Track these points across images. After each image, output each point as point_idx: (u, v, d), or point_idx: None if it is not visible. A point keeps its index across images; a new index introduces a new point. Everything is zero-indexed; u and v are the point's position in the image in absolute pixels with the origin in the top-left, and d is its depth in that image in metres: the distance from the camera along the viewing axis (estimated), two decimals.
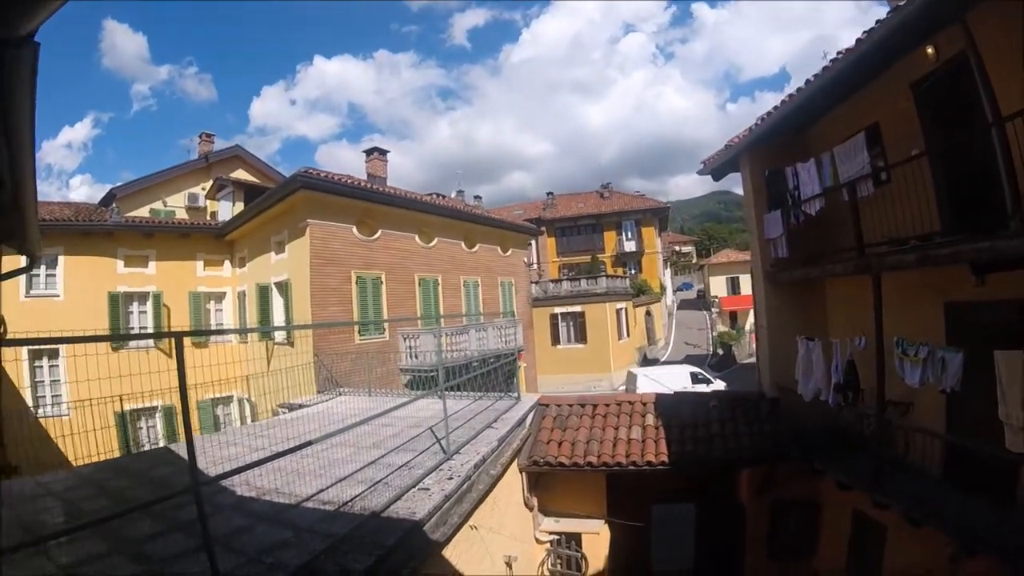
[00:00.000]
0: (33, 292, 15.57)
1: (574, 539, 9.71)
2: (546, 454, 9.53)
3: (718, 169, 12.00)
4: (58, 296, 16.05)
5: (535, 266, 38.45)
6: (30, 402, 14.20)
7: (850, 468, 7.69)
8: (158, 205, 22.94)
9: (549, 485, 9.91)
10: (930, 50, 6.23)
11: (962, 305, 6.60)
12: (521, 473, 9.37)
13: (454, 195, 36.09)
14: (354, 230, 15.38)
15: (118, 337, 15.58)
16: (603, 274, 35.04)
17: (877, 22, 6.15)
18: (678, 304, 55.93)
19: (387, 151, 21.84)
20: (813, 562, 9.35)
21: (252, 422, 12.70)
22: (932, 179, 6.59)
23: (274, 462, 4.86)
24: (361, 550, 4.55)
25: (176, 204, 23.34)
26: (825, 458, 8.34)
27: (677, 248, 71.54)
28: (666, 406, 10.68)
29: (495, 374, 11.20)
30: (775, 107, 9.24)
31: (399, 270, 16.87)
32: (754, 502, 9.42)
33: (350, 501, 5.57)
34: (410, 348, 15.42)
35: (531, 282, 30.25)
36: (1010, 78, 5.26)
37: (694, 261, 73.46)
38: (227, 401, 17.21)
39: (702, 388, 21.61)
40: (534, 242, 33.54)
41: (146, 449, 12.76)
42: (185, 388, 3.61)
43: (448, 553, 5.76)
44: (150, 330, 16.82)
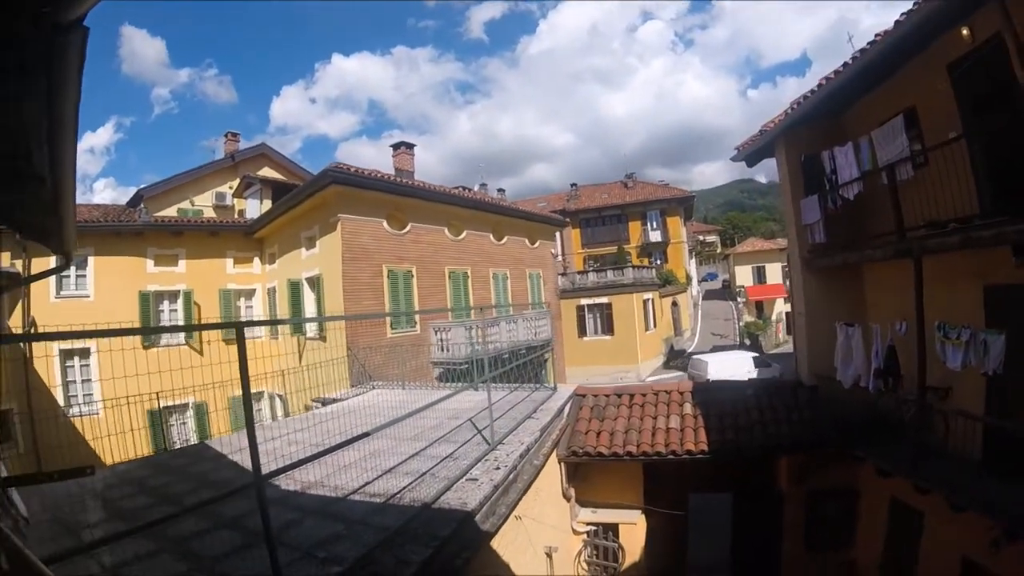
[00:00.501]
0: (64, 293, 15.97)
1: (611, 530, 9.74)
2: (585, 444, 9.55)
3: (752, 155, 11.88)
4: (88, 296, 16.41)
5: (560, 258, 38.40)
6: (61, 401, 14.51)
7: (890, 454, 7.65)
8: (185, 205, 23.27)
9: (586, 475, 9.95)
10: (965, 31, 6.13)
11: (1002, 288, 6.52)
12: (560, 463, 9.40)
13: (477, 188, 36.18)
14: (384, 224, 15.52)
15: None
16: (629, 265, 34.83)
17: (915, 3, 6.09)
18: (703, 294, 55.33)
19: (414, 145, 21.95)
20: (850, 552, 9.31)
21: (285, 417, 12.85)
22: (970, 162, 6.53)
23: (301, 454, 4.73)
24: (416, 542, 4.53)
25: (203, 203, 23.67)
26: (864, 445, 8.27)
27: (701, 238, 70.73)
28: (704, 395, 10.64)
29: (530, 365, 11.26)
30: (811, 91, 9.15)
31: (429, 263, 16.98)
32: (792, 491, 9.39)
33: (398, 493, 5.53)
34: (441, 341, 15.51)
35: (558, 274, 30.25)
36: None
37: (718, 251, 72.61)
38: (258, 397, 17.36)
39: (765, 371, 22.45)
40: (559, 234, 33.46)
41: (180, 446, 12.97)
42: (247, 380, 3.53)
43: (495, 543, 5.77)
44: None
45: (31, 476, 3.18)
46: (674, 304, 40.92)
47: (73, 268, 15.60)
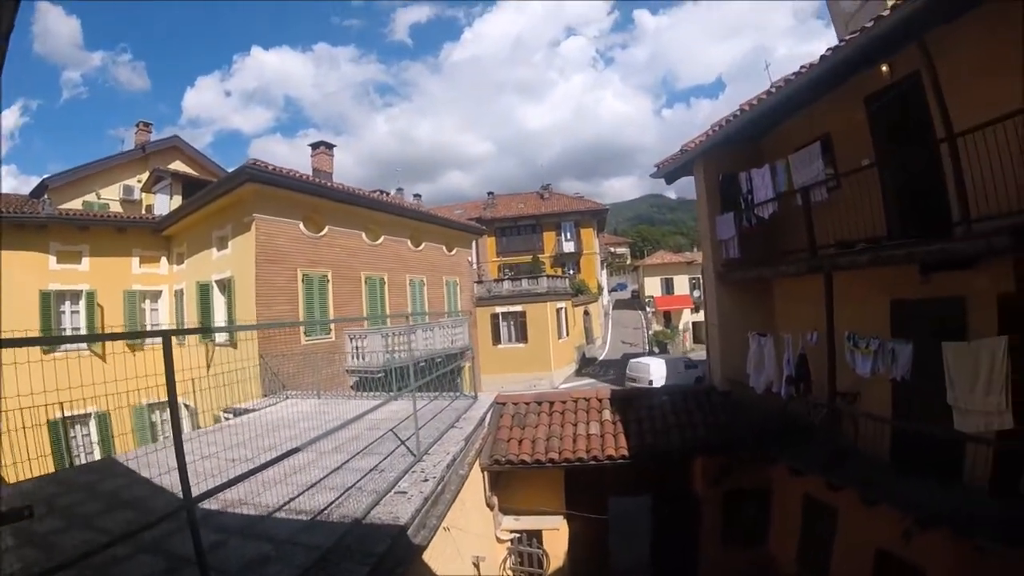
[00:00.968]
0: None
1: (535, 536, 9.85)
2: (507, 452, 9.61)
3: (672, 172, 12.47)
4: None
5: (475, 266, 38.53)
6: None
7: (802, 455, 8.22)
8: (91, 198, 21.45)
9: (508, 483, 10.01)
10: (885, 68, 6.78)
11: (907, 302, 7.21)
12: (483, 472, 9.41)
13: (394, 193, 35.64)
14: (301, 226, 14.92)
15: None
16: (544, 274, 35.49)
17: (842, 40, 6.65)
18: (614, 304, 57.27)
19: (334, 145, 21.35)
20: (767, 548, 9.90)
21: (194, 429, 12.06)
22: (881, 187, 7.19)
23: (221, 472, 4.65)
24: (351, 559, 4.39)
25: (110, 197, 21.87)
26: (777, 447, 8.84)
27: (613, 249, 73.17)
28: (622, 402, 11.01)
29: (451, 374, 11.17)
30: (734, 114, 9.73)
31: (345, 268, 16.49)
32: (708, 492, 9.86)
33: (326, 509, 5.31)
34: (357, 349, 15.11)
35: (474, 281, 30.31)
36: (960, 96, 5.82)
37: (628, 262, 75.48)
38: (165, 406, 16.16)
39: (692, 371, 24.80)
40: (475, 242, 33.62)
41: (85, 460, 11.87)
42: (175, 395, 3.35)
43: (427, 556, 5.72)
44: (83, 331, 15.65)
45: None
46: (586, 313, 42.03)
47: None
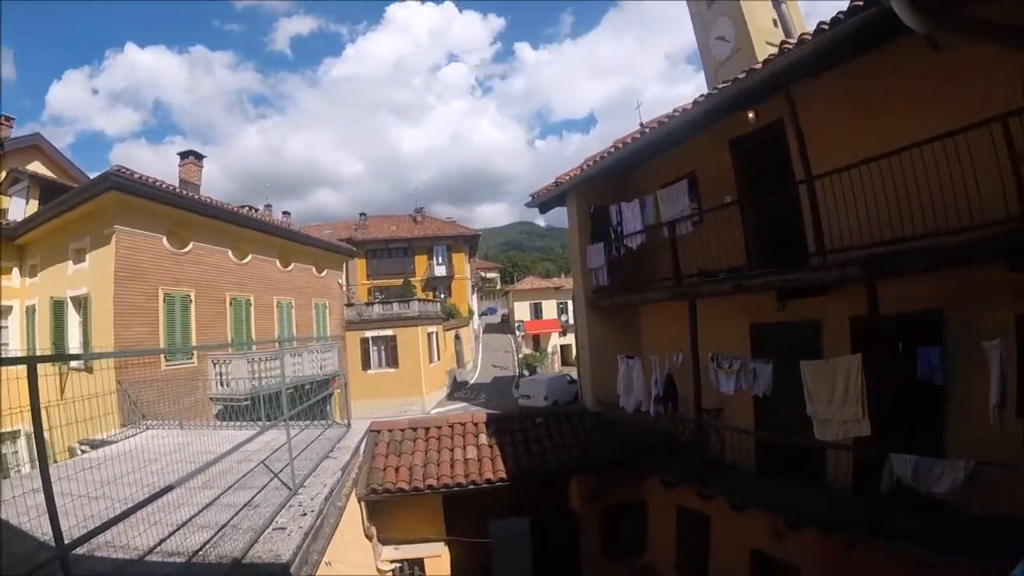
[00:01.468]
0: None
1: (416, 564, 9.68)
2: (384, 481, 9.42)
3: (546, 203, 13.01)
4: None
5: (345, 288, 37.37)
6: None
7: (673, 469, 8.79)
8: None
9: (386, 512, 9.76)
10: (751, 115, 7.59)
11: (764, 326, 8.07)
12: (360, 503, 9.14)
13: (262, 208, 33.77)
14: (164, 241, 13.68)
15: None
16: (415, 298, 35.17)
17: (713, 89, 7.36)
18: (484, 328, 57.83)
19: (203, 156, 19.98)
20: (646, 557, 10.41)
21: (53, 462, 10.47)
22: (742, 222, 8.01)
23: (91, 511, 4.31)
24: None
25: None
26: (649, 462, 9.40)
27: (483, 274, 74.15)
28: (498, 425, 11.17)
29: (322, 402, 10.74)
30: (608, 151, 10.37)
31: (210, 288, 15.31)
32: (586, 509, 10.24)
33: (201, 550, 4.99)
34: (221, 375, 14.06)
35: (344, 304, 29.36)
36: (820, 140, 6.65)
37: (499, 287, 76.85)
38: (14, 436, 13.95)
39: (574, 388, 24.77)
40: (346, 263, 32.71)
41: None
42: (40, 427, 3.11)
43: None
44: None
45: None
46: (457, 337, 42.08)
47: None
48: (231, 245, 16.53)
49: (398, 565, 9.64)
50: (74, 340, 13.46)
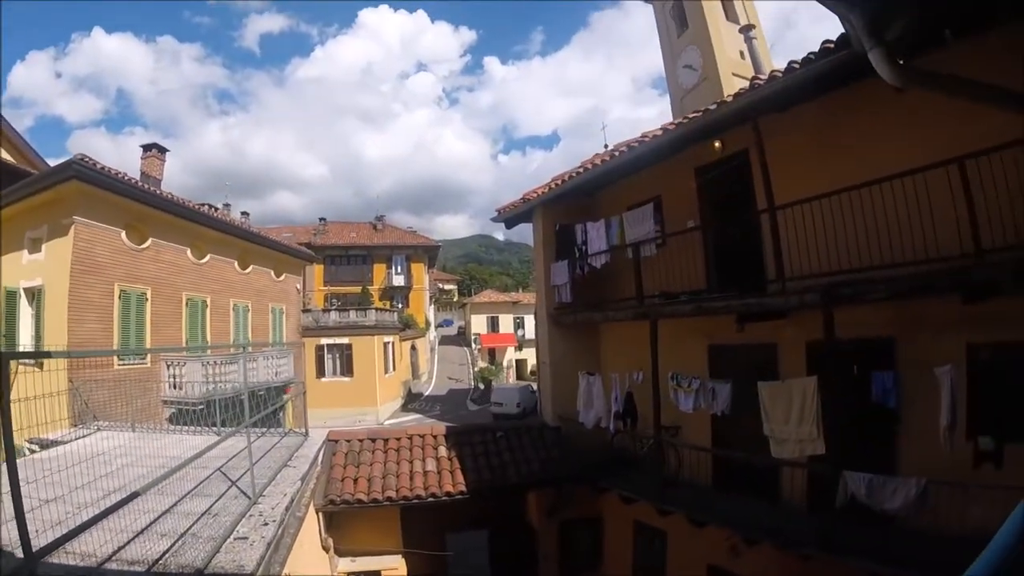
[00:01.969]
0: None
1: None
2: (342, 492, 9.31)
3: (512, 218, 13.13)
4: None
5: (303, 293, 36.69)
6: None
7: (631, 484, 8.95)
8: None
9: (343, 524, 9.63)
10: (717, 144, 7.89)
11: (722, 347, 8.32)
12: (317, 514, 8.98)
13: (221, 207, 32.89)
14: (123, 235, 13.21)
15: None
16: (373, 306, 34.77)
17: (685, 117, 7.64)
18: (440, 340, 57.48)
19: (167, 150, 19.34)
20: (603, 571, 10.51)
21: None
22: (704, 246, 8.28)
23: (42, 516, 4.24)
24: None
25: None
26: (607, 477, 9.54)
27: (441, 285, 73.80)
28: (458, 438, 11.14)
29: (282, 410, 10.54)
30: (577, 171, 10.61)
31: (167, 286, 14.81)
32: (544, 523, 10.31)
33: (161, 559, 4.82)
34: (174, 377, 13.64)
35: (301, 310, 28.83)
36: (783, 171, 6.91)
37: (456, 299, 76.59)
38: None
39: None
40: (304, 268, 32.14)
41: None
42: (10, 430, 2.91)
43: None
44: None
45: None
46: (413, 348, 41.75)
47: None
48: (190, 244, 16.05)
49: None
50: (26, 334, 12.88)
